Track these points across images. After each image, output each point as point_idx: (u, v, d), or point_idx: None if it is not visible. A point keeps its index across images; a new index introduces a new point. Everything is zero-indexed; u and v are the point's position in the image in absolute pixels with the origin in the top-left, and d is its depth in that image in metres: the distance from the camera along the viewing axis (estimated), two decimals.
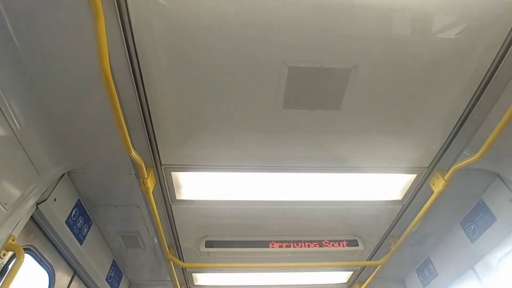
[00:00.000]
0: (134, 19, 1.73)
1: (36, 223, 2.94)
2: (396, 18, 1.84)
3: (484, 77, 2.14)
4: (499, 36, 1.94)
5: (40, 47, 1.95)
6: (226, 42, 1.90)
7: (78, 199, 3.30)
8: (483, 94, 2.22)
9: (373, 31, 1.88)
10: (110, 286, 4.38)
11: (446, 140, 2.59)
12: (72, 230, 3.23)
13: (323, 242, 3.72)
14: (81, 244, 3.44)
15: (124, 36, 1.78)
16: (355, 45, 1.95)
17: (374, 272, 4.22)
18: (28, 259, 2.94)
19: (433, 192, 2.87)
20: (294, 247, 3.68)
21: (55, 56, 1.99)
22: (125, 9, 1.68)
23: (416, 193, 3.08)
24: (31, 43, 1.93)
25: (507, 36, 1.93)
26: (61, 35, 1.88)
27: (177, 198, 3.04)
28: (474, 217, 3.61)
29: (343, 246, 3.72)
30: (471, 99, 2.28)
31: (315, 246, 3.70)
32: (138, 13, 1.72)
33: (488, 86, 2.17)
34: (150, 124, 2.30)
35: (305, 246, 3.69)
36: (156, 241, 3.83)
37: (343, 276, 4.91)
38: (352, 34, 1.89)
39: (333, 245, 3.71)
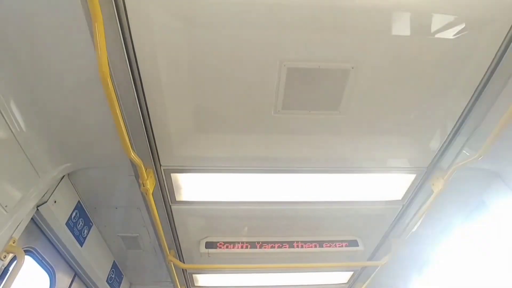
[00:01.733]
0: (132, 21, 1.73)
1: (37, 225, 2.95)
2: (394, 19, 1.84)
3: (484, 76, 2.14)
4: (498, 36, 1.94)
5: (39, 50, 1.96)
6: (225, 44, 1.90)
7: (78, 200, 3.30)
8: (483, 93, 2.21)
9: (371, 32, 1.88)
10: (110, 287, 4.38)
11: (445, 140, 2.58)
12: (72, 232, 3.23)
13: (323, 243, 3.71)
14: (81, 246, 3.44)
15: (123, 38, 1.78)
16: (354, 45, 1.95)
17: (375, 273, 4.22)
18: (28, 261, 2.94)
19: (433, 192, 2.87)
20: (294, 247, 3.67)
21: (54, 58, 2.00)
22: (124, 12, 1.69)
23: (416, 193, 3.08)
24: (30, 46, 1.93)
25: (506, 36, 1.93)
26: (60, 38, 1.89)
27: (177, 199, 3.04)
28: (475, 217, 3.60)
29: (343, 246, 3.71)
30: (471, 98, 2.28)
31: (315, 247, 3.69)
32: (137, 15, 1.72)
33: (488, 85, 2.16)
34: (149, 125, 2.30)
35: (305, 247, 3.68)
36: (156, 242, 3.84)
37: (344, 277, 4.91)
38: (350, 34, 1.89)
39: (333, 246, 3.71)
